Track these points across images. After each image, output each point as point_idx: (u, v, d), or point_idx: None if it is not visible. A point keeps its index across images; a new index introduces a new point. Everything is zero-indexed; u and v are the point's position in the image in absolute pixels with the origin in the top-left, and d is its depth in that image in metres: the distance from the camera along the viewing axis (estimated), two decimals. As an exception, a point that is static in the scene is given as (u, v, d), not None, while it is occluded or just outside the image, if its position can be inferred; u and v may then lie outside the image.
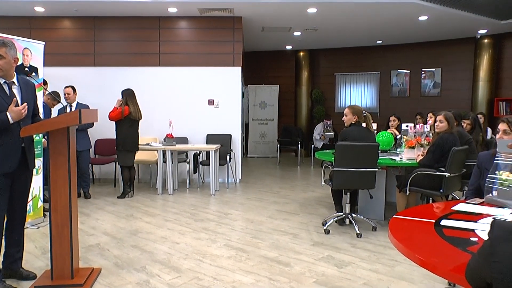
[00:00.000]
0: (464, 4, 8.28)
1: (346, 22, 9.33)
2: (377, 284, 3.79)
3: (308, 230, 5.43)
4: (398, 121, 7.79)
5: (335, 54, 13.02)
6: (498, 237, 1.36)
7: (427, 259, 1.90)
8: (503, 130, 3.30)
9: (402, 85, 12.41)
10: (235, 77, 8.76)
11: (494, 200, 2.86)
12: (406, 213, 2.70)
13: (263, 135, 13.10)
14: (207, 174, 8.33)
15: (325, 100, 13.27)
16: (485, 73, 10.85)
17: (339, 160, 5.08)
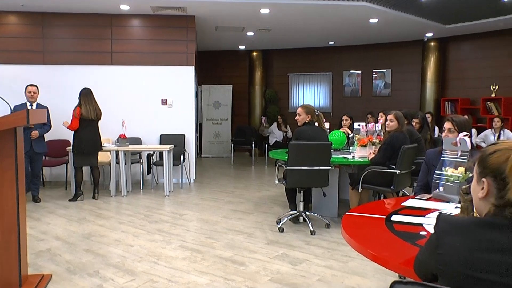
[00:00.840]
0: (412, 9, 8.55)
1: (298, 23, 9.44)
2: (331, 279, 3.86)
3: (263, 229, 5.46)
4: (350, 121, 7.94)
5: (288, 55, 13.14)
6: (442, 230, 1.42)
7: (379, 254, 1.95)
8: (448, 129, 3.43)
9: (354, 85, 12.67)
10: (189, 77, 8.69)
11: (441, 195, 2.97)
12: (358, 210, 2.76)
13: (217, 135, 13.07)
14: (161, 175, 8.22)
15: (278, 100, 13.38)
16: (432, 75, 11.26)
17: (292, 159, 5.14)
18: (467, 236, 1.35)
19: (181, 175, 8.43)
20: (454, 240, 1.37)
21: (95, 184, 7.13)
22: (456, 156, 3.03)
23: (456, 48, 11.16)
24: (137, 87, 8.57)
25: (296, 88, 13.35)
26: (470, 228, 1.37)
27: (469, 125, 3.47)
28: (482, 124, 10.25)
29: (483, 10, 8.76)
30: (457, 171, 2.95)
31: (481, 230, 1.35)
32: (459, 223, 1.42)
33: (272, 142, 11.52)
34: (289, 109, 13.22)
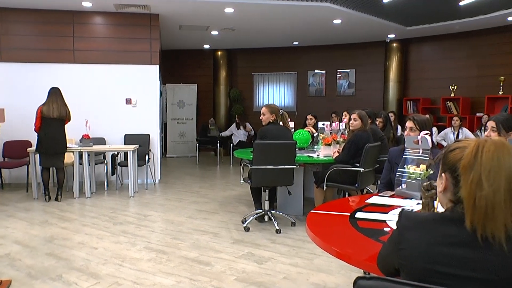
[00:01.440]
0: (374, 10, 8.72)
1: (263, 23, 9.47)
2: (297, 277, 3.89)
3: (228, 228, 5.46)
4: (315, 120, 8.02)
5: (253, 54, 13.16)
6: (404, 226, 1.46)
7: (343, 250, 1.99)
8: (410, 128, 3.51)
9: (318, 85, 12.81)
10: (153, 76, 8.59)
11: (403, 192, 3.04)
12: (323, 208, 2.80)
13: (182, 134, 12.98)
14: (126, 176, 8.09)
15: (243, 99, 13.39)
16: (395, 75, 11.52)
17: (257, 158, 5.15)
18: (427, 231, 1.39)
19: (146, 175, 8.33)
20: (415, 235, 1.41)
21: (59, 185, 6.95)
22: (417, 154, 3.10)
23: (417, 50, 11.45)
24: (101, 86, 8.41)
25: (261, 88, 13.39)
26: (430, 224, 1.41)
27: (429, 124, 3.56)
28: (442, 123, 10.55)
29: (442, 13, 9.05)
30: (418, 168, 3.01)
31: (439, 225, 1.39)
32: (419, 219, 1.46)
33: (236, 142, 11.52)
34: (254, 108, 13.25)
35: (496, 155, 1.35)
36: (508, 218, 1.32)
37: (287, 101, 13.18)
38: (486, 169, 1.34)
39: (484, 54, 10.19)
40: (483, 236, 1.32)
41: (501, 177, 1.32)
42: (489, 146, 1.37)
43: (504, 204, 1.31)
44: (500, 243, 1.30)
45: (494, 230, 1.31)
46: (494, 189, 1.32)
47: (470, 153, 1.39)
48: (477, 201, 1.33)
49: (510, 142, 2.82)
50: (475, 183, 1.34)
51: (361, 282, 1.34)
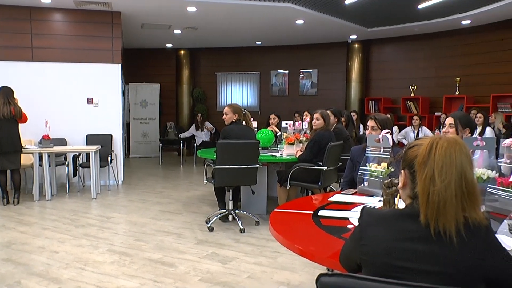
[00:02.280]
0: (336, 11, 8.85)
1: (225, 22, 9.46)
2: (261, 276, 3.91)
3: (192, 229, 5.43)
4: (278, 119, 8.06)
5: (216, 54, 13.13)
6: (366, 222, 1.50)
7: (306, 248, 2.00)
8: (371, 127, 3.58)
9: (281, 85, 12.89)
10: (115, 75, 8.45)
11: (365, 189, 3.10)
12: (286, 206, 2.82)
13: (145, 134, 12.82)
14: (88, 177, 7.90)
15: (206, 99, 13.34)
16: (357, 75, 11.74)
17: (220, 158, 5.15)
18: (387, 227, 1.44)
19: (108, 176, 8.17)
20: (376, 231, 1.45)
21: (15, 188, 6.73)
22: (379, 152, 3.17)
23: (378, 50, 11.70)
24: (61, 85, 8.19)
25: (224, 87, 13.37)
26: (390, 220, 1.46)
27: (390, 123, 3.64)
28: (403, 122, 10.80)
29: (401, 15, 9.29)
30: (380, 166, 3.08)
31: (398, 221, 1.44)
32: (380, 215, 1.50)
33: (199, 142, 11.46)
34: (217, 108, 13.22)
35: (448, 152, 1.40)
36: (459, 213, 1.37)
37: (250, 100, 13.21)
38: (439, 165, 1.39)
39: (442, 56, 10.51)
40: (435, 230, 1.36)
41: (453, 173, 1.37)
42: (443, 143, 1.42)
43: (455, 199, 1.36)
44: (450, 236, 1.35)
45: (445, 224, 1.36)
46: (445, 185, 1.37)
47: (424, 150, 1.43)
48: (430, 196, 1.38)
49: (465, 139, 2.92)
50: (429, 179, 1.39)
51: (324, 279, 1.36)
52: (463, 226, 1.36)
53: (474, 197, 1.39)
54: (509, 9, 8.29)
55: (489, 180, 2.68)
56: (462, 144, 1.43)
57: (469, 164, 1.41)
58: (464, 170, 1.39)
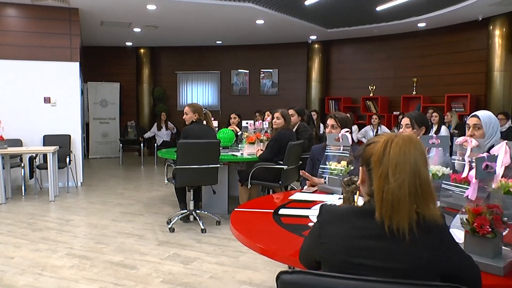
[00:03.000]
0: (296, 12, 8.93)
1: (186, 21, 9.41)
2: (223, 276, 3.91)
3: (154, 230, 5.38)
4: (238, 119, 8.07)
5: (176, 52, 13.04)
6: (324, 220, 1.51)
7: (267, 247, 2.02)
8: (331, 125, 3.64)
9: (242, 84, 12.92)
10: (73, 73, 8.24)
11: (325, 187, 3.15)
12: (247, 206, 2.83)
13: (105, 134, 12.58)
14: (45, 179, 7.69)
15: (167, 98, 13.21)
16: (317, 75, 11.90)
17: (181, 158, 5.12)
18: (345, 225, 1.46)
19: (67, 178, 7.96)
20: (335, 229, 1.46)
21: None
22: (338, 151, 3.22)
23: (338, 51, 11.89)
24: (16, 84, 7.91)
25: (185, 87, 13.29)
26: (348, 217, 1.48)
27: (349, 121, 3.71)
28: (362, 121, 11.01)
29: (360, 17, 9.48)
30: (339, 164, 3.13)
31: (356, 219, 1.46)
32: (339, 213, 1.51)
33: (160, 142, 11.34)
34: (178, 107, 13.11)
35: (402, 150, 1.41)
36: (412, 211, 1.38)
37: (211, 100, 13.18)
38: (393, 163, 1.40)
39: (399, 57, 10.80)
40: (390, 228, 1.38)
41: (406, 171, 1.39)
42: (397, 141, 1.43)
43: (409, 198, 1.38)
44: (404, 234, 1.36)
45: (399, 222, 1.37)
46: (399, 183, 1.38)
47: (380, 147, 1.45)
48: (385, 194, 1.39)
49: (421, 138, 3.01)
50: (383, 177, 1.41)
51: (284, 277, 1.36)
52: (417, 224, 1.38)
53: (428, 195, 1.41)
54: (461, 13, 8.65)
55: (444, 177, 2.77)
56: (417, 142, 1.45)
57: (423, 162, 1.43)
58: (418, 168, 1.40)
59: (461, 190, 2.44)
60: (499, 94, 8.90)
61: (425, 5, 8.37)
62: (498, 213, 1.67)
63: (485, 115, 3.12)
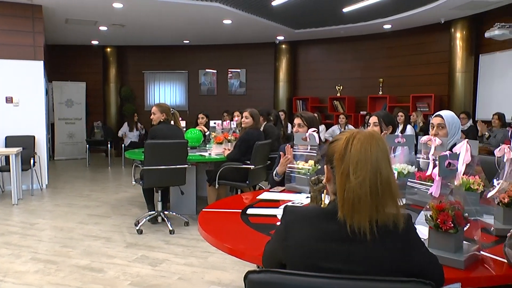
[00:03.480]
0: (263, 12, 8.97)
1: (153, 20, 9.32)
2: (192, 277, 3.90)
3: (121, 232, 5.30)
4: (206, 119, 8.04)
5: (144, 52, 12.90)
6: (289, 222, 1.48)
7: (235, 247, 2.03)
8: (298, 124, 3.66)
9: (210, 84, 12.89)
10: (37, 72, 8.04)
11: (293, 187, 3.17)
12: (215, 206, 2.83)
13: (71, 135, 12.32)
14: (8, 182, 7.47)
15: (134, 98, 13.06)
16: (284, 75, 11.98)
17: (149, 158, 5.07)
18: (309, 226, 1.43)
19: (31, 180, 7.76)
20: (299, 231, 1.44)
21: None
22: (306, 150, 3.25)
23: (306, 51, 12.01)
24: (-24, 83, 7.68)
25: (152, 86, 13.17)
26: (312, 219, 1.45)
27: (316, 121, 3.74)
28: (330, 121, 11.15)
29: (327, 18, 9.59)
30: (307, 164, 3.15)
31: (320, 220, 1.44)
32: (303, 214, 1.49)
33: (128, 143, 11.19)
34: (145, 107, 12.97)
35: (364, 147, 1.38)
36: (373, 210, 1.36)
37: (178, 100, 13.10)
38: (354, 161, 1.37)
39: (366, 58, 10.99)
40: (351, 228, 1.35)
41: (367, 169, 1.36)
42: (359, 138, 1.41)
43: (370, 196, 1.35)
44: (365, 234, 1.34)
45: (360, 221, 1.35)
46: (360, 181, 1.36)
47: (341, 145, 1.42)
48: (346, 193, 1.37)
49: (387, 136, 3.06)
50: (345, 175, 1.38)
51: (252, 276, 1.35)
52: (378, 224, 1.35)
53: (389, 194, 1.38)
54: (425, 16, 8.88)
55: (409, 175, 2.83)
56: (378, 139, 1.42)
57: (384, 160, 1.40)
58: (380, 166, 1.37)
59: (426, 187, 2.50)
60: (461, 94, 9.18)
61: (390, 8, 8.54)
62: (460, 209, 1.71)
63: (449, 115, 3.21)
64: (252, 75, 12.55)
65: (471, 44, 9.09)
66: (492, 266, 1.75)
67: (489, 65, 8.87)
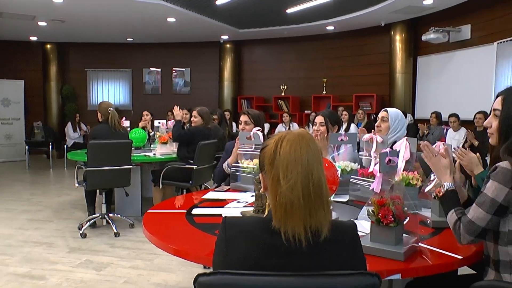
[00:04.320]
0: (208, 11, 8.96)
1: (95, 16, 9.08)
2: (138, 280, 3.83)
3: (64, 236, 5.12)
4: (151, 116, 7.93)
5: (86, 49, 12.52)
6: (230, 237, 1.38)
7: (180, 247, 2.00)
8: (244, 121, 3.68)
9: (154, 83, 12.73)
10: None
11: (238, 185, 3.17)
12: (160, 207, 2.80)
13: (8, 136, 11.79)
14: None
15: (77, 97, 12.65)
16: (229, 74, 12.03)
17: (92, 159, 4.94)
18: (252, 242, 1.36)
19: (-36, 184, 7.37)
20: (241, 247, 1.36)
21: None
22: (250, 149, 3.26)
23: (250, 51, 12.10)
24: None
25: (95, 85, 12.82)
26: (254, 234, 1.37)
27: (263, 118, 3.77)
28: (275, 120, 11.27)
29: (271, 19, 9.72)
30: (252, 162, 3.17)
31: (262, 234, 1.35)
32: (242, 227, 1.40)
33: (70, 144, 10.84)
34: (89, 107, 12.61)
35: (293, 149, 1.32)
36: (306, 215, 1.30)
37: (123, 99, 12.83)
38: (284, 164, 1.31)
39: (310, 58, 11.21)
40: (286, 236, 1.29)
41: (298, 171, 1.30)
42: (288, 139, 1.35)
43: (303, 200, 1.30)
44: (300, 241, 1.28)
45: (294, 228, 1.29)
46: (291, 185, 1.30)
47: (271, 149, 1.36)
48: (278, 198, 1.31)
49: (331, 135, 3.13)
50: (276, 179, 1.32)
51: (202, 279, 1.30)
52: (312, 229, 1.30)
53: (321, 197, 1.33)
54: (366, 18, 9.22)
55: (352, 172, 2.91)
56: (309, 139, 1.37)
57: (316, 161, 1.34)
58: (311, 168, 1.32)
59: (368, 183, 2.58)
60: (401, 94, 9.59)
61: (333, 10, 8.76)
62: (400, 203, 1.78)
63: (393, 111, 3.39)
64: (196, 74, 12.49)
65: (410, 46, 9.51)
66: (429, 257, 1.84)
67: (426, 67, 9.30)
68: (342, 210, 2.49)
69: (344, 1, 8.26)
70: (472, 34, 8.20)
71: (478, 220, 1.73)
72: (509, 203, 1.70)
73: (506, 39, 7.33)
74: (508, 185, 1.68)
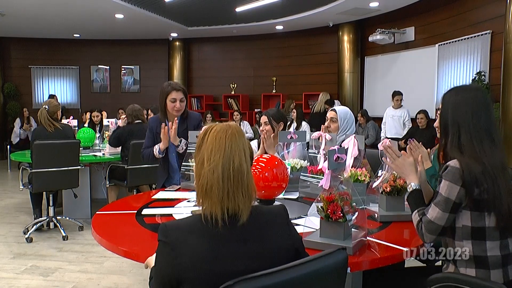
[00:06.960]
0: (156, 8, 8.86)
1: (38, 9, 8.69)
2: (87, 284, 3.75)
3: (7, 242, 4.90)
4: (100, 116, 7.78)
5: (29, 45, 12.01)
6: (175, 239, 1.39)
7: (130, 249, 1.98)
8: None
9: (103, 81, 12.42)
10: None
11: (189, 185, 3.15)
12: (109, 208, 2.75)
13: None
14: None
15: (20, 96, 12.12)
16: (178, 72, 11.94)
17: (37, 160, 4.78)
18: (198, 238, 1.39)
19: None
20: (189, 245, 1.38)
21: None
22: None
23: (199, 49, 12.06)
24: None
25: (41, 83, 12.33)
26: (197, 229, 1.41)
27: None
28: (225, 118, 11.28)
29: (220, 17, 9.75)
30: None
31: (199, 226, 1.41)
32: (186, 227, 1.43)
33: (16, 141, 10.39)
34: (34, 105, 12.10)
35: (219, 136, 1.44)
36: (224, 197, 1.39)
37: (70, 97, 12.41)
38: (209, 149, 1.43)
39: (259, 57, 11.32)
40: (205, 215, 1.40)
41: (220, 156, 1.41)
42: (215, 129, 1.47)
43: (222, 182, 1.40)
44: (216, 221, 1.37)
45: (211, 207, 1.39)
46: (212, 167, 1.40)
47: (200, 136, 1.50)
48: (200, 179, 1.43)
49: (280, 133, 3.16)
50: (201, 163, 1.44)
51: None
52: (230, 212, 1.39)
53: (242, 183, 1.42)
54: (314, 19, 9.39)
55: (302, 169, 2.96)
56: (236, 130, 1.48)
57: (239, 150, 1.44)
58: (233, 154, 1.42)
59: (317, 180, 2.62)
60: (349, 93, 9.85)
61: (281, 9, 8.87)
62: (348, 199, 1.84)
63: (342, 110, 3.43)
64: (146, 72, 12.31)
65: (357, 46, 9.79)
66: (377, 250, 1.91)
67: (373, 67, 9.59)
68: (292, 207, 2.50)
69: (293, 2, 8.37)
70: (415, 36, 8.52)
71: (437, 220, 1.82)
72: (461, 200, 1.79)
73: (446, 41, 7.66)
74: (459, 183, 1.78)
